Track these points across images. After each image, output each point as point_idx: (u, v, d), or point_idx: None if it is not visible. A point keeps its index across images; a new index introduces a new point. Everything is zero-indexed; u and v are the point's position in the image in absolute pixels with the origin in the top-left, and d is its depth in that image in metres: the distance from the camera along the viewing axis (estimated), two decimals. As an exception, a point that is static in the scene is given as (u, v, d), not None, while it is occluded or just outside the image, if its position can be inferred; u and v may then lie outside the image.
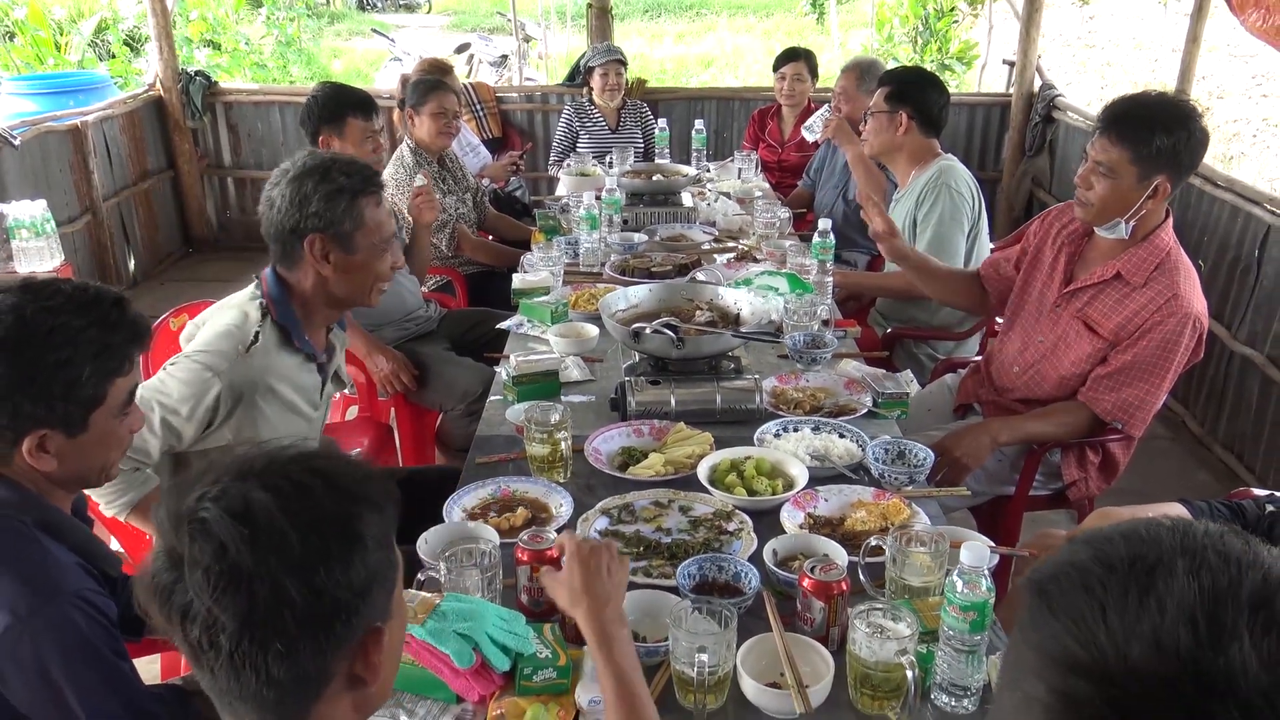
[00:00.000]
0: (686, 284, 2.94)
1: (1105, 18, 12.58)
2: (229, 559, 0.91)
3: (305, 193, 2.06)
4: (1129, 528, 0.64)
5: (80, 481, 1.56)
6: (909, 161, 3.39)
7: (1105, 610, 0.58)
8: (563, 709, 1.45)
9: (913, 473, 2.08)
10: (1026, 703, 0.60)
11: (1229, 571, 0.58)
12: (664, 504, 2.00)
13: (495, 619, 1.51)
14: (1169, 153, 2.27)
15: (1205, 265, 4.05)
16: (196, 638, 0.93)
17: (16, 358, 1.39)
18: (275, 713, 0.98)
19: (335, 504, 0.97)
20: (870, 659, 1.45)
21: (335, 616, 0.95)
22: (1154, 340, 2.37)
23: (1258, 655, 0.53)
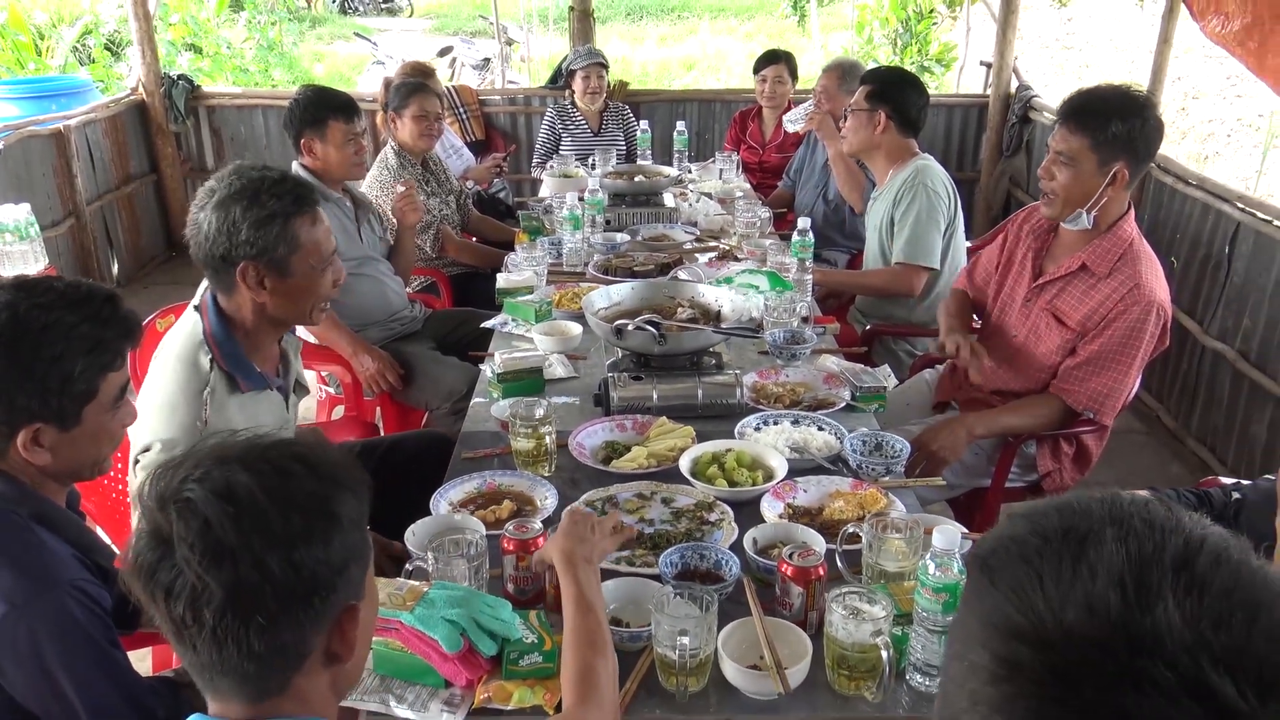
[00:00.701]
0: (668, 282, 2.98)
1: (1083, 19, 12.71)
2: (214, 535, 0.95)
3: (234, 219, 1.95)
4: (1062, 501, 0.68)
5: (73, 475, 1.59)
6: (887, 160, 3.44)
7: (1042, 579, 0.62)
8: (549, 692, 1.49)
9: (890, 463, 2.13)
10: (972, 670, 0.64)
11: (1154, 537, 0.62)
12: (647, 496, 2.05)
13: (482, 606, 1.55)
14: (1125, 138, 2.35)
15: (1178, 262, 4.12)
16: (180, 614, 0.97)
17: (11, 353, 1.42)
18: (255, 685, 1.02)
19: (314, 485, 1.02)
20: (847, 640, 1.50)
21: (314, 592, 1.00)
22: (1120, 329, 2.44)
23: (1181, 614, 0.57)
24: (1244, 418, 3.65)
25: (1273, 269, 3.53)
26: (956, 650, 0.68)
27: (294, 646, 1.01)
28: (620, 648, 1.58)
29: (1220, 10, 3.55)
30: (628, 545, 1.87)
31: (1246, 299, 3.68)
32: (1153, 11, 10.45)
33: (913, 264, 3.28)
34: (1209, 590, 0.58)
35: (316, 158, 3.24)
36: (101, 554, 1.60)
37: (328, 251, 2.10)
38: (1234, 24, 3.48)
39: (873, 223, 3.49)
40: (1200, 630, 0.56)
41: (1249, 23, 3.48)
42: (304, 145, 3.25)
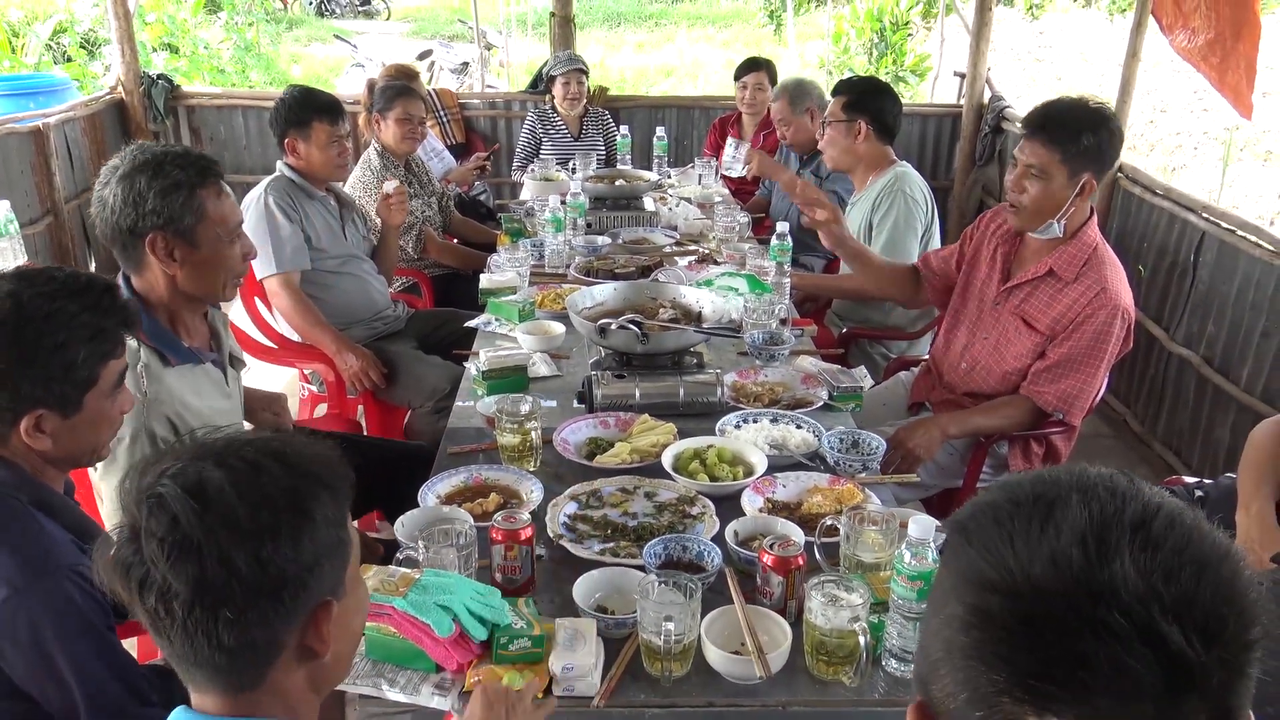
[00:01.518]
0: (650, 283, 3.04)
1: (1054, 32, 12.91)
2: (180, 530, 0.98)
3: (139, 190, 1.95)
4: (1035, 474, 0.74)
5: (72, 461, 1.62)
6: (866, 168, 3.52)
7: (1013, 538, 0.68)
8: (537, 676, 1.54)
9: (866, 460, 2.19)
10: (948, 621, 0.70)
11: (1115, 502, 0.68)
12: (630, 490, 2.09)
13: (472, 593, 1.59)
14: (1094, 150, 2.44)
15: (1145, 270, 4.22)
16: (153, 606, 1.00)
17: (16, 340, 1.46)
18: (227, 678, 1.04)
19: (288, 482, 1.03)
20: (826, 626, 1.55)
21: (282, 588, 1.01)
22: (1087, 333, 2.52)
23: (1135, 568, 0.63)
24: (1208, 421, 3.75)
25: (1236, 277, 3.63)
26: (934, 606, 0.73)
27: (264, 641, 1.03)
28: (606, 634, 1.63)
29: (1187, 26, 3.66)
30: (612, 538, 1.92)
31: (1210, 306, 3.78)
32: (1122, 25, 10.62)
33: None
34: (1162, 548, 0.64)
35: (300, 157, 3.27)
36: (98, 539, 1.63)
37: (234, 224, 2.11)
38: (1199, 39, 3.58)
39: (852, 226, 3.55)
40: (1152, 583, 0.62)
41: (1212, 38, 3.59)
42: (288, 144, 3.29)
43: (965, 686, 0.68)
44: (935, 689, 0.72)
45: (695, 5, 19.98)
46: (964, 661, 0.68)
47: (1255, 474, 2.14)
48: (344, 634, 1.12)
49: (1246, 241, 3.60)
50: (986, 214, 2.89)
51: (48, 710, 1.51)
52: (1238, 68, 3.57)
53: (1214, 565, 0.64)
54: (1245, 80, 3.64)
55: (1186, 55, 3.77)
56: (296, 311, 3.20)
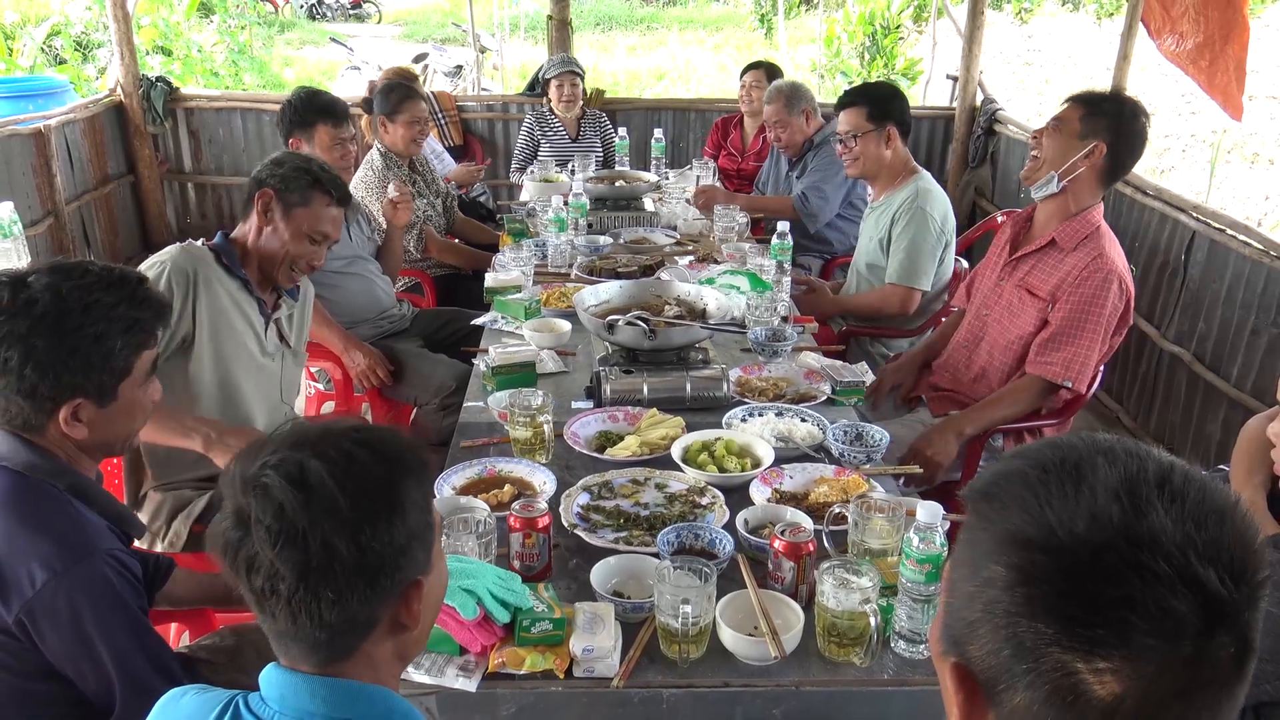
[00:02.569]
0: (655, 281, 3.09)
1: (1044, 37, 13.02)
2: (286, 518, 1.04)
3: (283, 160, 2.51)
4: (1047, 441, 0.80)
5: (106, 449, 1.67)
6: (890, 175, 3.50)
7: (1050, 500, 0.73)
8: (558, 657, 1.59)
9: (870, 452, 2.25)
10: (988, 582, 0.75)
11: (1135, 461, 0.74)
12: (641, 481, 2.14)
13: (495, 578, 1.64)
14: (1109, 117, 2.58)
15: (1137, 269, 4.29)
16: (259, 586, 1.06)
17: (58, 332, 1.50)
18: (325, 651, 1.10)
19: (380, 471, 1.10)
20: (837, 608, 1.60)
21: (379, 570, 1.08)
22: (1084, 295, 2.62)
23: (1169, 517, 0.70)
24: (1199, 417, 3.82)
25: (1225, 276, 3.70)
26: (965, 570, 0.78)
27: (362, 617, 1.09)
28: (623, 619, 1.68)
29: (1175, 30, 3.73)
30: (624, 527, 1.97)
31: (1201, 304, 3.85)
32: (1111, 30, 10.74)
33: (905, 285, 3.42)
34: (1187, 499, 0.70)
35: None
36: (132, 525, 1.68)
37: (321, 230, 2.50)
38: (1187, 43, 3.66)
39: (868, 232, 3.60)
40: (1187, 531, 0.69)
41: (1201, 42, 3.66)
42: (292, 144, 3.34)
43: (1009, 642, 0.73)
44: (974, 649, 0.77)
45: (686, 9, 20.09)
46: (1008, 619, 0.73)
47: (1246, 464, 2.20)
48: (429, 607, 1.19)
49: (1236, 240, 3.67)
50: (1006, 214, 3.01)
51: (83, 690, 1.55)
52: (1227, 70, 3.65)
53: (1230, 512, 0.71)
54: (1235, 82, 3.72)
55: (1175, 59, 3.85)
56: (304, 311, 3.25)
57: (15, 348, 1.49)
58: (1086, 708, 0.70)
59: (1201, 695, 0.69)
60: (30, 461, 1.54)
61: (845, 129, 3.47)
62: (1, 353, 1.49)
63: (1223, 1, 3.81)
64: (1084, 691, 0.69)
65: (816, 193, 4.26)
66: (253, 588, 1.07)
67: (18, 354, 1.49)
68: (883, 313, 3.50)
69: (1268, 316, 3.47)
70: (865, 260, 3.61)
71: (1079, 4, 14.13)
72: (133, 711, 1.55)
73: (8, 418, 1.54)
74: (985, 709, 0.78)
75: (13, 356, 1.49)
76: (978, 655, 0.77)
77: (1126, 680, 0.68)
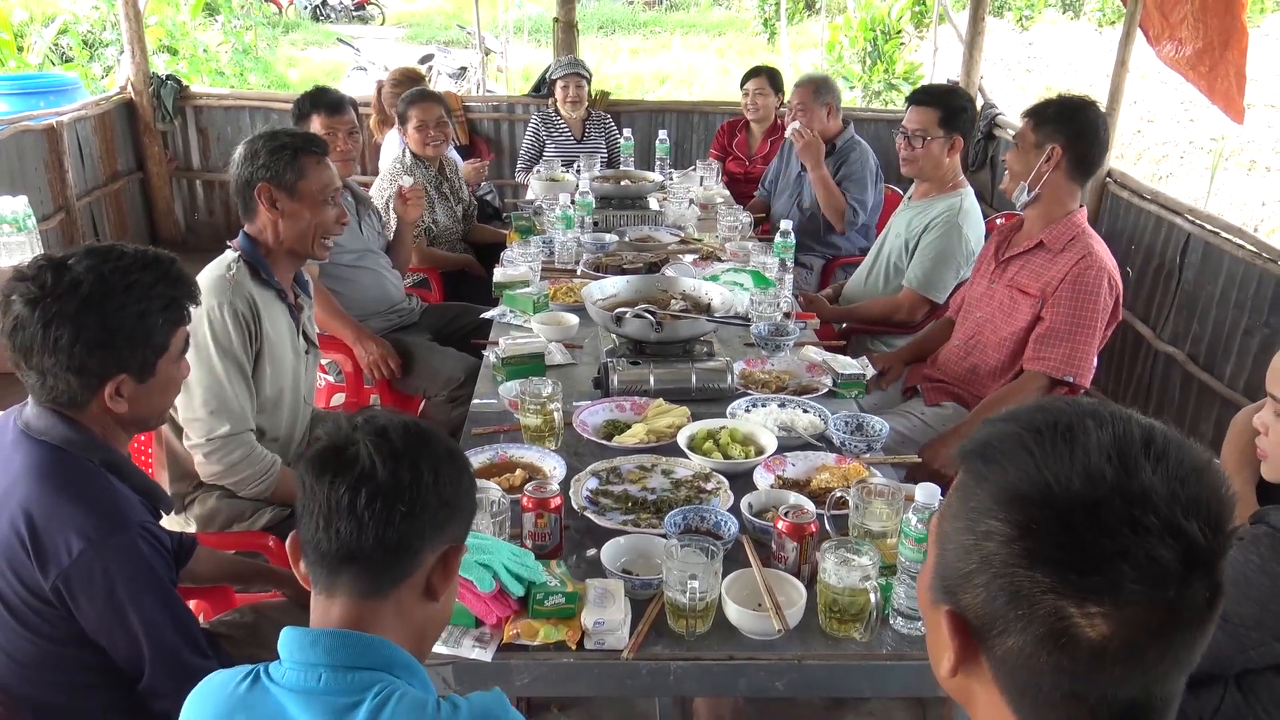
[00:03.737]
0: (661, 276, 3.16)
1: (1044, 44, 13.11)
2: (390, 440, 1.19)
3: (255, 150, 2.45)
4: (1034, 405, 0.86)
5: (142, 424, 1.74)
6: (939, 182, 3.49)
7: (1046, 461, 0.80)
8: (571, 630, 1.65)
9: (870, 442, 2.32)
10: (985, 536, 0.81)
11: (1122, 424, 0.80)
12: (648, 467, 2.21)
13: (509, 554, 1.71)
14: (1057, 121, 2.72)
15: (1133, 271, 4.37)
16: (339, 496, 1.15)
17: (102, 312, 1.57)
18: (373, 577, 1.18)
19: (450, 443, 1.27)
20: (838, 585, 1.67)
21: (444, 506, 1.21)
22: (1077, 293, 2.70)
23: (1157, 476, 0.76)
24: (1193, 416, 3.89)
25: (1220, 278, 3.77)
26: (960, 526, 0.84)
27: (414, 548, 1.19)
28: (632, 595, 1.75)
29: (1174, 37, 3.80)
30: (632, 510, 2.04)
31: (1196, 305, 3.92)
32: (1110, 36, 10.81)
33: (921, 294, 3.47)
34: (1169, 459, 0.77)
35: None
36: (161, 500, 1.74)
37: (331, 187, 2.52)
38: (1186, 49, 3.72)
39: (896, 228, 3.63)
40: (1173, 488, 0.76)
41: (1200, 48, 3.73)
42: None
43: (1005, 591, 0.79)
44: (968, 598, 0.83)
45: (688, 14, 20.18)
46: (1006, 569, 0.79)
47: (1236, 456, 2.26)
48: (450, 589, 1.27)
49: (1230, 243, 3.74)
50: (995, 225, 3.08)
51: (115, 659, 1.61)
52: (1227, 75, 3.71)
53: (1207, 470, 0.78)
54: (1236, 87, 3.79)
55: (1175, 65, 3.92)
56: (316, 303, 3.30)
57: (65, 327, 1.55)
58: (1077, 648, 0.76)
59: (1179, 633, 0.76)
60: (68, 437, 1.60)
61: (915, 126, 3.42)
62: (51, 332, 1.55)
63: (1221, 8, 3.88)
64: (1075, 634, 0.76)
65: (861, 205, 4.38)
66: (330, 499, 1.16)
67: (67, 333, 1.55)
68: (892, 318, 3.55)
69: (1260, 317, 3.54)
70: (887, 254, 3.65)
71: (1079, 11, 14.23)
72: (160, 679, 1.62)
73: (53, 395, 1.60)
74: (978, 653, 0.84)
75: (63, 335, 1.55)
76: (972, 603, 0.83)
77: (1114, 623, 0.75)
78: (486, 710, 1.16)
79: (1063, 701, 0.79)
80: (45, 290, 1.55)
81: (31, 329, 1.55)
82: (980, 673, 0.84)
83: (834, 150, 4.44)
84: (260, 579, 2.22)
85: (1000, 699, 0.83)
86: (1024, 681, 0.81)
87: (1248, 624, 1.59)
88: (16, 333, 1.56)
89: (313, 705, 1.12)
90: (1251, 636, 1.59)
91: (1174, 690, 0.80)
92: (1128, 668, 0.76)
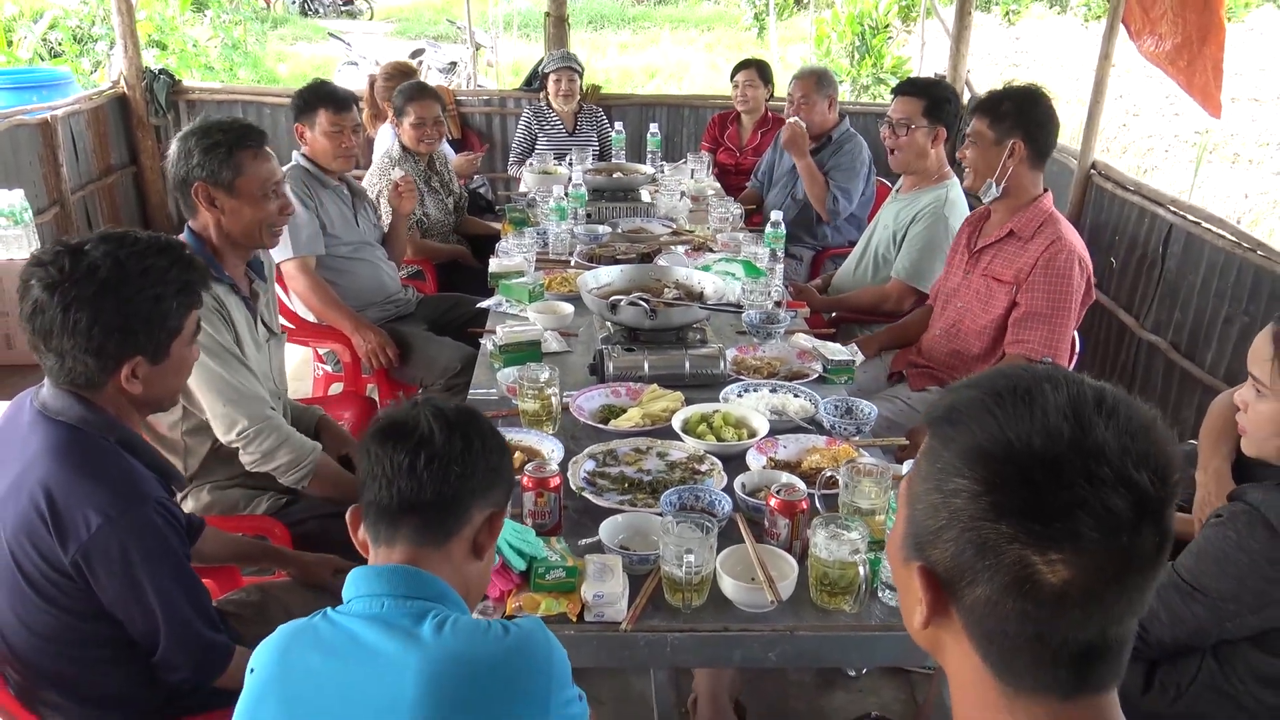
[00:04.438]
0: (655, 265, 3.21)
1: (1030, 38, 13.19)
2: (446, 415, 1.38)
3: (189, 147, 2.36)
4: (994, 371, 0.92)
5: (154, 404, 1.79)
6: (924, 174, 3.59)
7: (1008, 421, 0.85)
8: (571, 603, 1.72)
9: (859, 424, 2.38)
10: (953, 494, 0.86)
11: (1076, 386, 0.86)
12: (643, 450, 2.27)
13: (511, 530, 1.77)
14: (1014, 114, 2.79)
15: (1116, 262, 4.44)
16: (401, 459, 1.33)
17: (120, 295, 1.63)
18: (429, 529, 1.35)
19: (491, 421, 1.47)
20: (829, 558, 1.73)
21: (491, 471, 1.39)
22: (1050, 277, 2.78)
23: (1109, 431, 0.82)
24: (1175, 403, 3.96)
25: (1201, 267, 3.84)
26: (929, 485, 0.89)
27: (465, 504, 1.37)
28: (629, 570, 1.81)
29: (1154, 31, 3.87)
30: (629, 491, 2.10)
31: (1177, 294, 4.00)
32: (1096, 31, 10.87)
33: (908, 284, 3.55)
34: (1119, 416, 0.83)
35: (307, 144, 3.44)
36: (175, 478, 1.80)
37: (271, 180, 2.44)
38: (1166, 44, 3.79)
39: (884, 220, 3.71)
40: (1124, 443, 0.82)
41: (1179, 43, 3.80)
42: (298, 131, 3.47)
43: (973, 543, 0.85)
44: (937, 553, 0.89)
45: (677, 9, 20.20)
46: (972, 523, 0.85)
47: (1213, 438, 2.34)
48: (490, 552, 1.44)
49: (1211, 233, 3.81)
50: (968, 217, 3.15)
51: (131, 632, 1.67)
52: (1205, 70, 3.79)
53: (1154, 426, 0.84)
54: (1213, 81, 3.86)
55: (1154, 59, 3.99)
56: (314, 294, 3.36)
57: (84, 311, 1.60)
58: (1040, 593, 0.82)
59: (1132, 577, 0.82)
60: (84, 416, 1.66)
61: (900, 115, 3.51)
62: (71, 316, 1.60)
63: (1200, 3, 3.94)
64: (1038, 580, 0.82)
65: (844, 194, 4.44)
66: (394, 461, 1.33)
67: (86, 316, 1.60)
68: (881, 307, 3.62)
69: (1239, 305, 3.61)
70: (875, 245, 3.72)
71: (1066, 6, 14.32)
72: (174, 652, 1.68)
73: (71, 377, 1.65)
74: (948, 605, 0.90)
75: (82, 319, 1.60)
76: (941, 557, 0.88)
77: (1074, 569, 0.81)
78: (532, 633, 1.31)
79: (1027, 645, 0.85)
80: (64, 275, 1.60)
81: (51, 313, 1.60)
82: (950, 624, 0.90)
83: (830, 141, 4.50)
84: (267, 559, 2.27)
85: (969, 646, 0.89)
86: (991, 628, 0.86)
87: (1225, 598, 1.66)
88: (36, 316, 1.61)
89: (378, 626, 1.27)
90: (1228, 609, 1.66)
91: (1126, 632, 0.86)
92: (1086, 610, 0.82)
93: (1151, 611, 1.73)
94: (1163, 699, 1.78)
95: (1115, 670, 0.86)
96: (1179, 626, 1.70)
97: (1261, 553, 1.60)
